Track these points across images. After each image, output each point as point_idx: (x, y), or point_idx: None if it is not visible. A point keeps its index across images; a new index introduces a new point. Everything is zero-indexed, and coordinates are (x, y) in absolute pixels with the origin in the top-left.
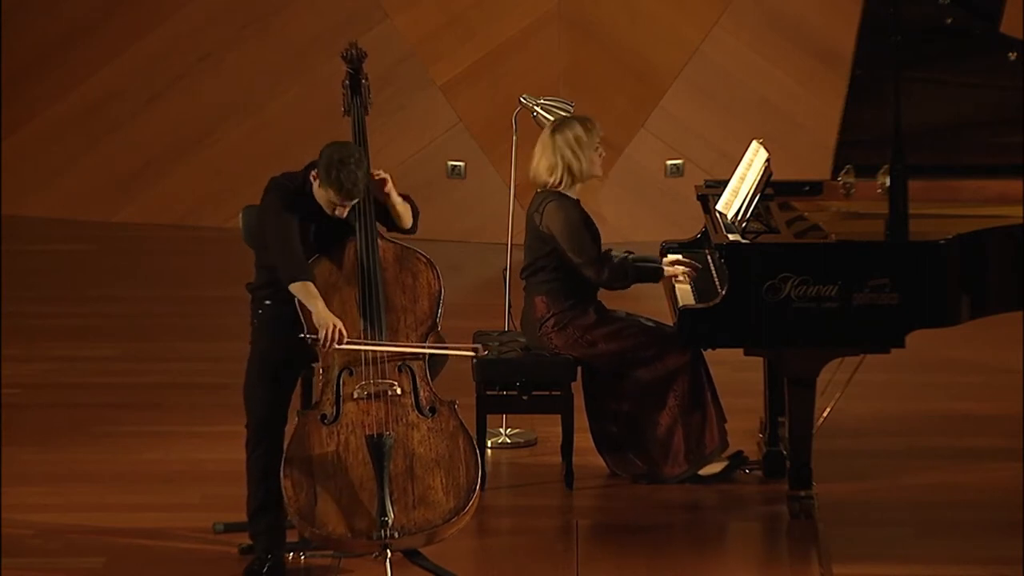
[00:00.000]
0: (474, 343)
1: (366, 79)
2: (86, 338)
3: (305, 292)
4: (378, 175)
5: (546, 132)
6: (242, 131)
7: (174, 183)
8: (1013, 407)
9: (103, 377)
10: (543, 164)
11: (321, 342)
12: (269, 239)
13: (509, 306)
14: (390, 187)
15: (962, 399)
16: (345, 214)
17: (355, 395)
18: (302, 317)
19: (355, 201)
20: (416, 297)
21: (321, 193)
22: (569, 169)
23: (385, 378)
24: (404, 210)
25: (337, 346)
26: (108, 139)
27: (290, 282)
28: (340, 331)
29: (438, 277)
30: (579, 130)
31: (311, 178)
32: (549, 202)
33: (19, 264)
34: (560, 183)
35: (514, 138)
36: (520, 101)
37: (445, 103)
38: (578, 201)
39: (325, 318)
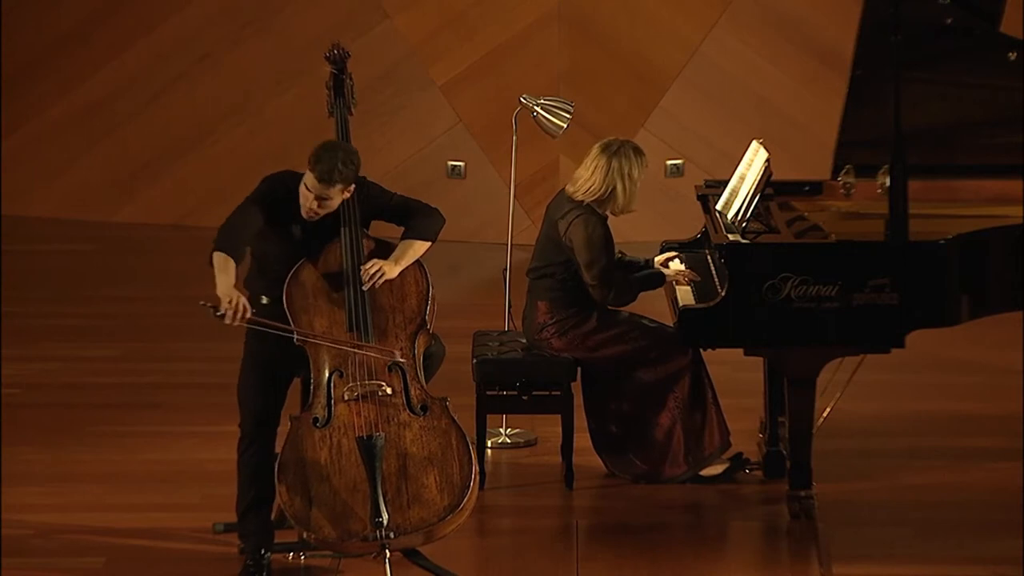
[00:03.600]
0: (474, 343)
1: (350, 79)
2: (86, 338)
3: (220, 263)
4: (371, 280)
5: (602, 152)
6: (242, 131)
7: (174, 183)
8: (1013, 407)
9: (103, 377)
10: (592, 184)
11: (223, 314)
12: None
13: (509, 306)
14: (386, 277)
15: (962, 399)
16: (315, 214)
17: (346, 397)
18: (291, 320)
19: (327, 198)
20: (404, 296)
21: (304, 183)
22: (614, 198)
23: (374, 378)
24: (418, 252)
25: (241, 321)
26: (108, 139)
27: (215, 250)
28: (243, 305)
29: (426, 275)
30: (636, 163)
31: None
32: (578, 215)
33: (19, 264)
34: (598, 205)
35: (514, 138)
36: (520, 101)
37: (445, 103)
38: (606, 218)
39: (228, 291)
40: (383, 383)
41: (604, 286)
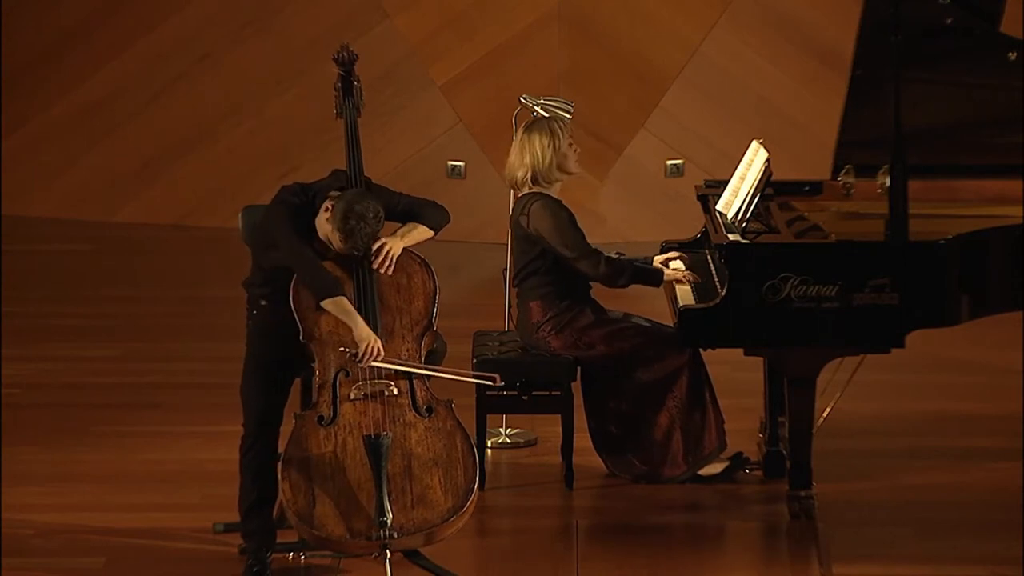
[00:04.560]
0: (474, 343)
1: (358, 81)
2: (86, 338)
3: (340, 309)
4: (383, 259)
5: (520, 132)
6: (242, 131)
7: (174, 183)
8: (1013, 407)
9: (103, 377)
10: (514, 163)
11: (360, 357)
12: (291, 261)
13: (509, 306)
14: (393, 256)
15: (962, 399)
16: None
17: (352, 396)
18: (297, 320)
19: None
20: (411, 297)
21: (326, 228)
22: (535, 170)
23: (381, 378)
24: (421, 235)
25: (373, 363)
26: (108, 139)
27: (323, 299)
28: (379, 348)
29: (433, 277)
30: (548, 131)
31: (323, 209)
32: (533, 203)
33: (19, 264)
34: (533, 183)
35: (514, 138)
36: (520, 101)
37: (445, 103)
38: (560, 200)
39: (368, 335)
40: (390, 383)
41: (588, 257)
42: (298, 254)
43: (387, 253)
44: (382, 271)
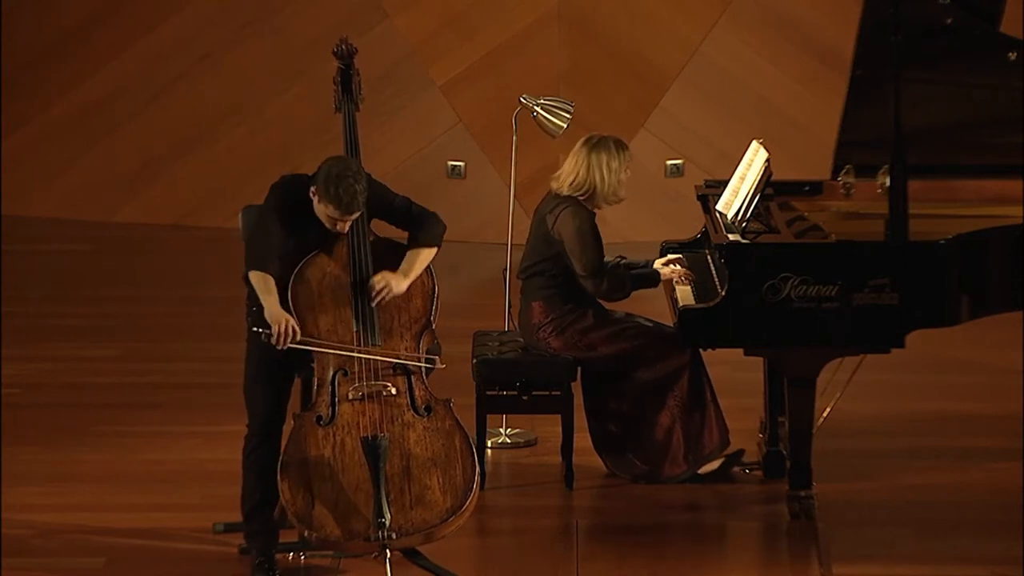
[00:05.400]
0: (474, 343)
1: (357, 75)
2: (86, 338)
3: (262, 284)
4: (378, 296)
5: (582, 145)
6: (242, 131)
7: (174, 183)
8: (1013, 407)
9: (103, 377)
10: (574, 177)
11: (274, 339)
12: (249, 228)
13: (509, 306)
14: (394, 292)
15: (962, 399)
16: (346, 229)
17: (350, 396)
18: (295, 315)
19: (355, 216)
20: (409, 296)
21: (321, 209)
22: (595, 189)
23: (379, 379)
24: (425, 260)
25: (291, 345)
26: (108, 139)
27: (250, 269)
28: (293, 328)
29: (431, 275)
30: (615, 155)
31: (311, 194)
32: (566, 207)
33: (19, 264)
34: (576, 190)
35: (514, 138)
36: (520, 101)
37: (445, 103)
38: (594, 214)
39: (277, 315)
40: (388, 383)
41: (595, 276)
42: (258, 224)
43: (384, 290)
44: (372, 304)
